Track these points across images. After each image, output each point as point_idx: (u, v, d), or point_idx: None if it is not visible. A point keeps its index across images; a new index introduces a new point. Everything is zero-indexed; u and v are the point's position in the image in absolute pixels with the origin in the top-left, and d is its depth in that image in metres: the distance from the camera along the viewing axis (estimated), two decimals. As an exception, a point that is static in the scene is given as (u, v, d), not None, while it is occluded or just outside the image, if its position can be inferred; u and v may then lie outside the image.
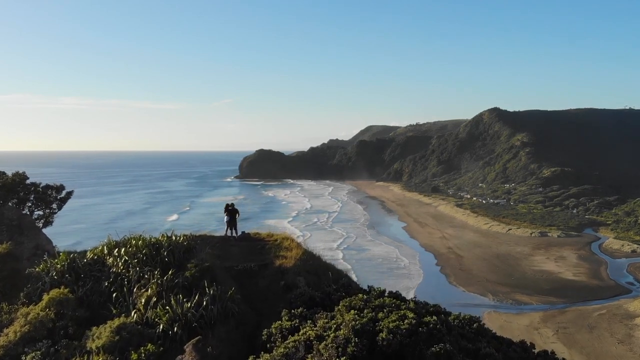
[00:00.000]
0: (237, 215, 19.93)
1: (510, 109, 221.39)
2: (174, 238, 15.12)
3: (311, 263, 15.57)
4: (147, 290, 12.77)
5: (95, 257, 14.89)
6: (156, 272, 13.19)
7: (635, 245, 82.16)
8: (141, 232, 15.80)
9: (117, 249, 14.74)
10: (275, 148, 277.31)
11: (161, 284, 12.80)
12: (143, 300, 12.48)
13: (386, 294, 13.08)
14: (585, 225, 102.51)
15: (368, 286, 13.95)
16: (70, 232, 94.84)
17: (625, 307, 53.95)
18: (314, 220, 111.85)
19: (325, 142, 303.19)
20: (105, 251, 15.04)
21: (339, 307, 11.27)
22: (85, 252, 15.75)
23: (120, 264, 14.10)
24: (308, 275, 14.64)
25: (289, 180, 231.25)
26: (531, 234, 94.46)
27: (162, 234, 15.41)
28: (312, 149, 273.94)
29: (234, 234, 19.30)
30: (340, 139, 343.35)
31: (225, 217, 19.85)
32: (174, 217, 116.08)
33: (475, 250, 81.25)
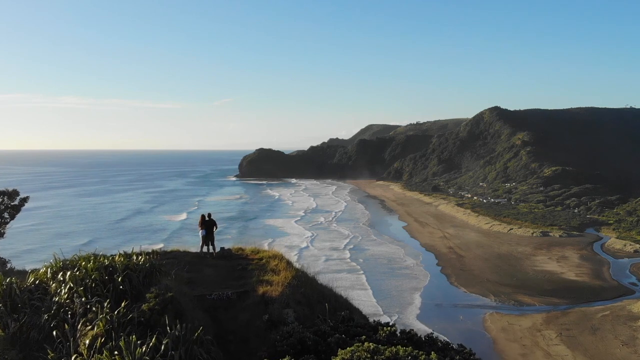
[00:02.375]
0: (214, 228, 17.38)
1: (511, 108, 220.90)
2: (134, 258, 12.37)
3: (302, 291, 12.91)
4: (92, 328, 10.01)
5: (37, 282, 12.09)
6: (106, 304, 10.38)
7: (638, 245, 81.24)
8: (95, 248, 13.35)
9: (62, 273, 11.81)
10: (275, 147, 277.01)
11: (111, 319, 9.98)
12: (87, 342, 9.78)
13: (398, 333, 10.50)
14: (587, 225, 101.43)
15: (374, 321, 11.44)
16: (81, 231, 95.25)
17: (629, 309, 53.03)
18: (320, 220, 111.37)
19: (326, 141, 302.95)
20: (49, 275, 12.13)
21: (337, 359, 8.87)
22: (27, 273, 12.96)
23: (63, 292, 11.25)
24: (299, 307, 12.14)
25: (292, 179, 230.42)
26: (532, 233, 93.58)
27: (120, 253, 12.85)
28: (312, 148, 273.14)
29: (212, 251, 16.89)
30: (340, 137, 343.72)
31: (201, 231, 17.19)
32: (183, 215, 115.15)
33: (477, 250, 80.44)
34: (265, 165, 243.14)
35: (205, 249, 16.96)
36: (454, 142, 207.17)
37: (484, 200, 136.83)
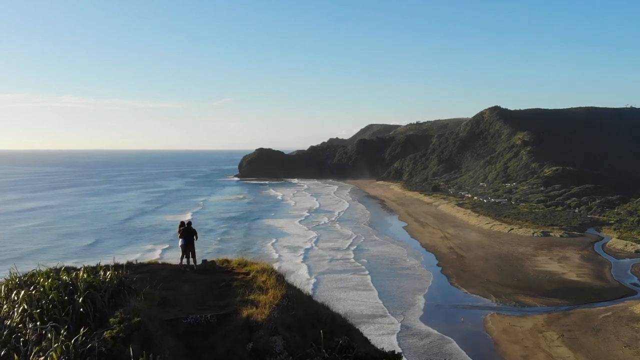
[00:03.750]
0: (194, 237, 15.79)
1: (511, 108, 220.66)
2: (100, 274, 10.86)
3: (294, 314, 11.28)
4: (46, 359, 8.46)
5: None
6: (63, 330, 8.76)
7: (639, 245, 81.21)
8: (57, 262, 11.92)
9: (16, 291, 10.06)
10: (275, 147, 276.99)
11: (67, 349, 8.37)
12: None
13: None
14: (588, 225, 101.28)
15: (379, 351, 10.05)
16: (85, 232, 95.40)
17: (631, 309, 52.85)
18: (323, 220, 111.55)
19: (326, 141, 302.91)
20: (3, 293, 10.32)
21: None
22: None
23: (16, 314, 9.53)
24: (289, 333, 10.43)
25: (294, 179, 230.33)
26: (533, 233, 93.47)
27: (84, 267, 11.41)
28: (312, 148, 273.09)
29: (192, 263, 15.25)
30: (340, 137, 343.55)
31: (180, 241, 15.53)
32: (188, 216, 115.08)
33: (477, 251, 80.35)
34: (265, 165, 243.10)
35: (184, 260, 15.35)
36: (454, 142, 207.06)
37: (485, 200, 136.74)
